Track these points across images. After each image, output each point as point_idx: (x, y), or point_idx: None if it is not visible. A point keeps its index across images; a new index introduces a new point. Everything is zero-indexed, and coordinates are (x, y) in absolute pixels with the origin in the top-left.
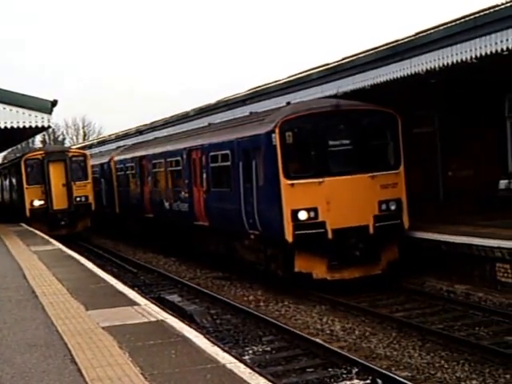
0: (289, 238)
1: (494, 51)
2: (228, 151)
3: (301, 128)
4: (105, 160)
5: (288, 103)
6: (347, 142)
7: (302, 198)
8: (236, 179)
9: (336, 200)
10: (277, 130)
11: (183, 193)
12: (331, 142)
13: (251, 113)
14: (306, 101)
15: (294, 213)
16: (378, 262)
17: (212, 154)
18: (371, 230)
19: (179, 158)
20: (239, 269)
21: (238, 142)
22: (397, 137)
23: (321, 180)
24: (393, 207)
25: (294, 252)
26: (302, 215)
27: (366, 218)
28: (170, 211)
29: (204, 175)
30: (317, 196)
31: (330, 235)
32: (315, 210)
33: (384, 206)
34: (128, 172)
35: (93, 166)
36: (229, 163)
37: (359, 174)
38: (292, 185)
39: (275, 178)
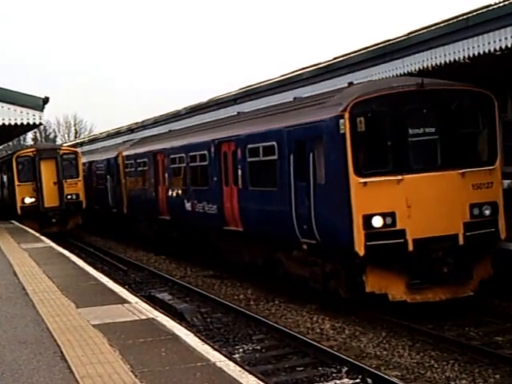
0: (359, 249)
1: (486, 51)
2: (274, 143)
3: (376, 112)
4: (111, 155)
5: (350, 83)
6: (432, 129)
7: (377, 200)
8: (284, 176)
9: (418, 203)
10: (346, 115)
11: (210, 192)
12: (412, 131)
13: (295, 98)
14: (376, 80)
15: (367, 219)
16: (469, 280)
17: (251, 146)
18: (461, 241)
19: (205, 152)
20: (283, 285)
21: (289, 131)
22: (493, 124)
23: (400, 178)
24: (487, 212)
25: (364, 267)
26: (377, 222)
27: (455, 226)
28: (193, 213)
29: (239, 172)
30: (395, 198)
31: (410, 247)
32: (392, 215)
33: (476, 211)
34: (139, 168)
35: (96, 162)
36: (274, 157)
37: (447, 171)
38: (364, 183)
39: (342, 174)
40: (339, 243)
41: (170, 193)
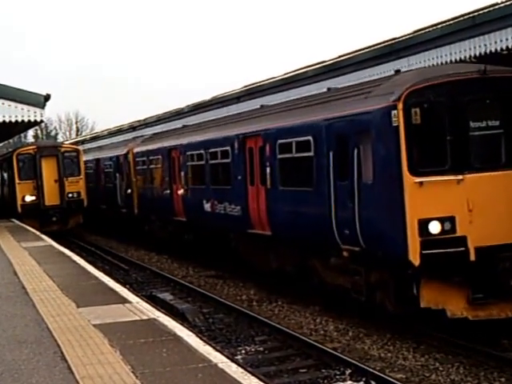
0: (414, 259)
1: (493, 50)
2: (309, 137)
3: (434, 102)
4: (121, 152)
5: (397, 71)
6: (496, 122)
7: (434, 203)
8: (322, 175)
9: (481, 206)
10: (400, 105)
11: (233, 192)
12: (474, 124)
13: (329, 89)
14: (429, 67)
15: (423, 224)
16: None
17: (281, 141)
18: None
19: (227, 148)
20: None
21: (328, 124)
22: None
23: (460, 177)
24: None
25: (419, 279)
26: (434, 227)
27: None
28: (212, 215)
29: (267, 170)
30: (454, 200)
31: (472, 256)
32: (452, 220)
33: None
34: (152, 166)
35: (104, 160)
36: (310, 153)
37: None
38: (420, 183)
39: (394, 173)
40: (389, 251)
41: (186, 192)
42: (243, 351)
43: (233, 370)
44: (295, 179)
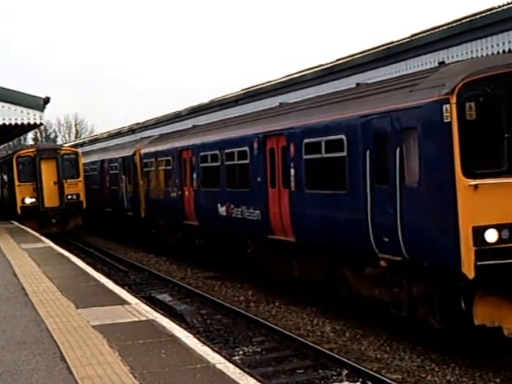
0: (467, 271)
1: (490, 54)
2: (341, 136)
3: (491, 96)
4: (127, 153)
5: (441, 63)
6: None
7: (491, 209)
8: (357, 177)
9: None
10: (453, 99)
11: (252, 195)
12: None
13: (358, 84)
14: (480, 58)
15: (478, 231)
16: None
17: (308, 141)
18: None
19: (246, 149)
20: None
21: (365, 121)
22: None
23: None
24: None
25: (473, 293)
26: (490, 236)
27: None
28: (227, 219)
29: (291, 171)
30: None
31: None
32: (510, 227)
33: None
34: (161, 167)
35: (109, 161)
36: (342, 153)
37: None
38: (475, 187)
39: (445, 175)
40: (437, 262)
41: (199, 195)
42: (241, 352)
43: (230, 370)
44: (324, 181)
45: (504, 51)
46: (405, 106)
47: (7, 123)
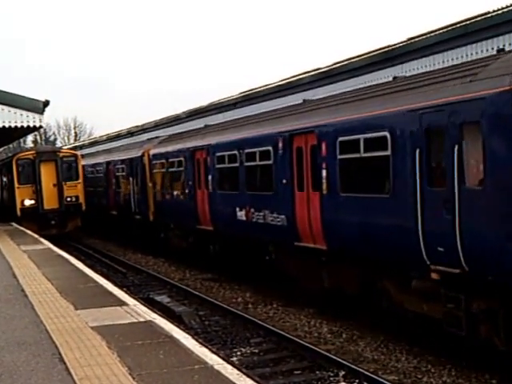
0: None
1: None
2: (385, 133)
3: None
4: (135, 154)
5: (501, 50)
6: None
7: None
8: (404, 178)
9: None
10: None
11: (276, 199)
12: None
13: (395, 77)
14: None
15: None
16: None
17: (344, 139)
18: None
19: (269, 148)
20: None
21: (415, 115)
22: None
23: None
24: None
25: None
26: None
27: None
28: (247, 224)
29: (323, 173)
30: None
31: None
32: None
33: None
34: (172, 169)
35: (116, 163)
36: (386, 152)
37: None
38: None
39: None
40: (506, 275)
41: (214, 198)
42: (239, 353)
43: (228, 371)
44: (363, 184)
45: None
46: (464, 98)
47: (7, 126)
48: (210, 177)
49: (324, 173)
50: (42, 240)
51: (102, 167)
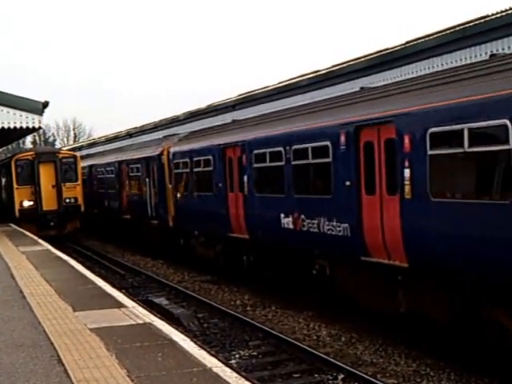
0: None
1: None
2: (504, 120)
3: None
4: (151, 153)
5: None
6: None
7: None
8: None
9: None
10: None
11: (335, 203)
12: None
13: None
14: None
15: None
16: None
17: (436, 130)
18: None
19: (326, 144)
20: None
21: None
22: None
23: None
24: None
25: None
26: None
27: None
28: (296, 233)
29: (405, 172)
30: None
31: None
32: None
33: None
34: (197, 169)
35: (128, 162)
36: (504, 146)
37: None
38: None
39: None
40: None
41: (251, 203)
42: (237, 356)
43: (227, 374)
44: (465, 186)
45: None
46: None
47: (6, 127)
48: (245, 178)
49: (407, 172)
50: (41, 241)
51: (114, 167)
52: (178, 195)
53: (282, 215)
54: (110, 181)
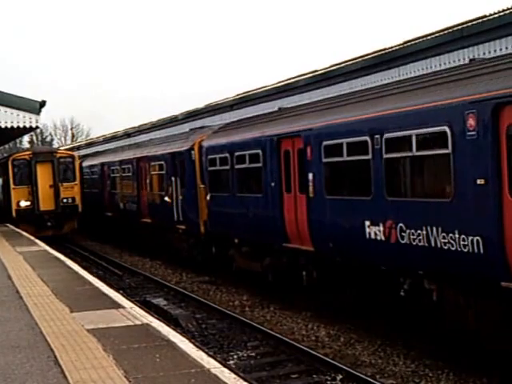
0: None
1: None
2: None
3: None
4: (178, 147)
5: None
6: None
7: None
8: None
9: None
10: None
11: (458, 209)
12: None
13: None
14: None
15: None
16: None
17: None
18: None
19: (442, 129)
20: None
21: None
22: None
23: None
24: None
25: None
26: None
27: None
28: (388, 246)
29: None
30: None
31: None
32: None
33: None
34: (240, 166)
35: (149, 159)
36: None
37: None
38: None
39: None
40: None
41: (319, 206)
42: (235, 356)
43: (225, 375)
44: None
45: None
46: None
47: (3, 126)
48: (310, 176)
49: None
50: (38, 242)
51: (131, 165)
52: (213, 197)
53: (368, 223)
54: (127, 180)
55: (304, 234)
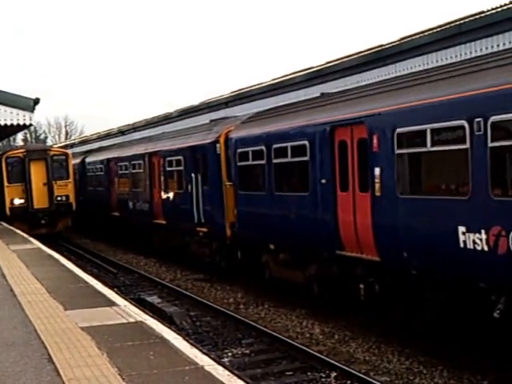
0: None
1: None
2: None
3: None
4: (200, 140)
5: None
6: None
7: None
8: None
9: None
10: None
11: None
12: None
13: None
14: None
15: None
16: None
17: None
18: None
19: None
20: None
21: None
22: None
23: None
24: None
25: None
26: None
27: None
28: (496, 258)
29: None
30: None
31: None
32: None
33: None
34: (279, 160)
35: (165, 154)
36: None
37: None
38: None
39: None
40: None
41: (389, 208)
42: (230, 354)
43: (219, 372)
44: None
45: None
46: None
47: None
48: (377, 171)
49: None
50: (32, 240)
51: (142, 160)
52: (241, 196)
53: (463, 229)
54: (137, 177)
55: (366, 240)
